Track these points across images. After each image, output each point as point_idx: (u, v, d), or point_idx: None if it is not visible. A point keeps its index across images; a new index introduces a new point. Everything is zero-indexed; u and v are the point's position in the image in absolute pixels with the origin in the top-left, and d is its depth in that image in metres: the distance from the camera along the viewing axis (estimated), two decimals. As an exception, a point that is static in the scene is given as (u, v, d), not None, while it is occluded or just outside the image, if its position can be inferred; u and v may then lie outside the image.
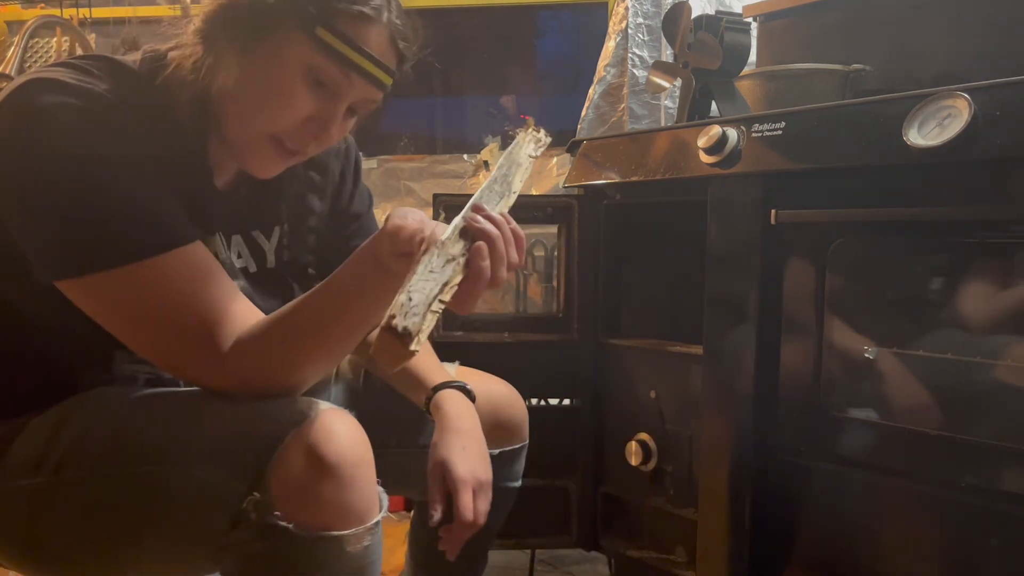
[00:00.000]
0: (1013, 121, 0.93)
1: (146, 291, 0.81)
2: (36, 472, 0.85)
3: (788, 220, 1.14)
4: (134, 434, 0.84)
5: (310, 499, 0.77)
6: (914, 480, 1.05)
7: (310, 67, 0.86)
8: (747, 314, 1.20)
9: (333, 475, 0.77)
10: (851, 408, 1.13)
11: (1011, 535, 0.96)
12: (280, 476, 0.76)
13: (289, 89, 0.86)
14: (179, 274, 0.82)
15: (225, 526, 0.78)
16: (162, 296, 0.82)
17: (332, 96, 0.88)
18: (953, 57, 1.42)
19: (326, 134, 0.90)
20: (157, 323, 0.83)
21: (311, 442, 0.77)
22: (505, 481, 1.21)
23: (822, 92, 1.45)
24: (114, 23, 2.53)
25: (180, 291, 0.82)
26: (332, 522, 0.77)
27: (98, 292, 0.82)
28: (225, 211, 0.96)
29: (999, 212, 0.98)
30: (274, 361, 0.84)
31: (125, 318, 0.83)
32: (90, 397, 0.90)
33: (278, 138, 0.89)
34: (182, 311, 0.82)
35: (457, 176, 2.47)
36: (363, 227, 1.14)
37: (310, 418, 0.79)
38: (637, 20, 2.21)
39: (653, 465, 1.41)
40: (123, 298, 0.82)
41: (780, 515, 1.19)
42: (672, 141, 1.34)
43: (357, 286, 0.84)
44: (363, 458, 0.80)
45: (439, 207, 1.59)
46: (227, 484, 0.78)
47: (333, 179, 1.10)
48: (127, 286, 0.81)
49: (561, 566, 1.87)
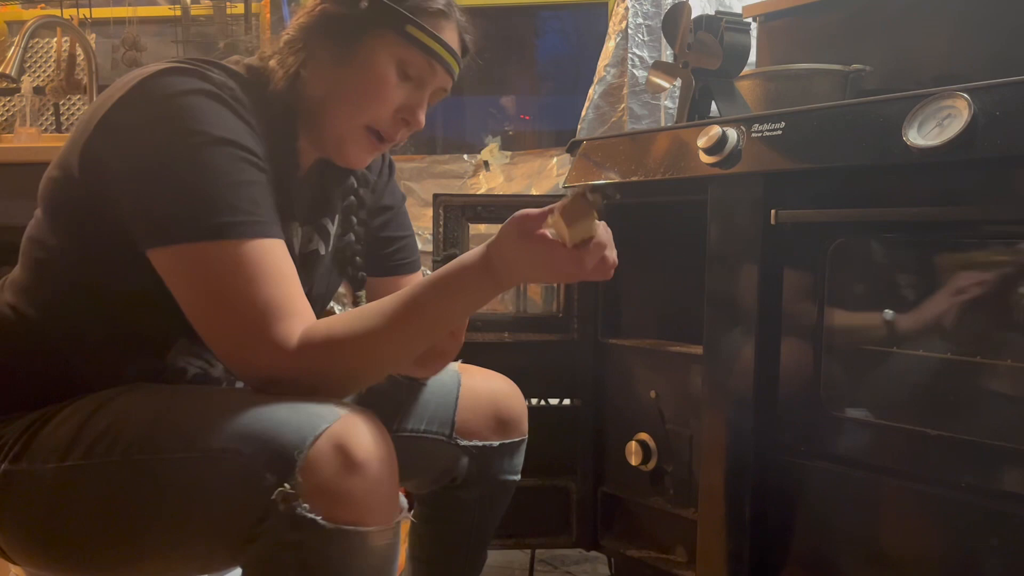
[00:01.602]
0: (1013, 121, 0.93)
1: (233, 270, 0.85)
2: (66, 455, 0.86)
3: (788, 220, 1.14)
4: (168, 422, 0.85)
5: (338, 494, 0.79)
6: (913, 480, 1.05)
7: (400, 61, 0.98)
8: (747, 314, 1.20)
9: (361, 472, 0.80)
10: (851, 408, 1.13)
11: (1011, 535, 0.96)
12: (310, 470, 0.78)
13: (384, 82, 0.97)
14: (265, 262, 0.86)
15: (253, 517, 0.79)
16: (246, 278, 0.85)
17: (418, 87, 1.00)
18: (953, 57, 1.42)
19: (415, 120, 1.01)
20: (235, 303, 0.85)
21: (341, 439, 0.80)
22: (505, 474, 1.22)
23: (822, 92, 1.46)
24: (114, 23, 2.52)
25: (263, 277, 0.86)
26: (359, 518, 0.79)
27: (189, 263, 0.86)
28: (303, 202, 1.05)
29: (999, 212, 0.98)
30: (345, 356, 0.88)
31: (205, 293, 0.86)
32: (130, 388, 0.92)
33: (373, 128, 1.00)
34: (261, 295, 0.85)
35: (457, 176, 2.47)
36: (394, 219, 1.21)
37: (340, 416, 0.81)
38: (637, 20, 2.21)
39: (653, 465, 1.41)
40: (210, 273, 0.85)
41: (780, 515, 1.19)
42: (672, 141, 1.34)
43: (450, 291, 0.89)
44: (389, 458, 0.83)
45: (439, 207, 1.59)
46: (258, 475, 0.79)
47: (369, 184, 1.18)
48: (216, 261, 0.85)
49: (561, 566, 1.87)
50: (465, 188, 2.44)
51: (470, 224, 1.63)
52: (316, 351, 0.86)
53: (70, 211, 0.93)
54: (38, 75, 2.56)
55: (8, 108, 2.56)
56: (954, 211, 1.01)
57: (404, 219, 1.24)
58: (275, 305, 0.86)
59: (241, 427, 0.82)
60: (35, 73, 2.57)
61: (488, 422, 1.18)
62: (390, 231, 1.20)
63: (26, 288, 0.96)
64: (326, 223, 1.10)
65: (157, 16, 2.63)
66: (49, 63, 2.58)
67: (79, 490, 0.86)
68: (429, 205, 1.60)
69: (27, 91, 2.44)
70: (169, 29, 2.57)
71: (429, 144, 2.67)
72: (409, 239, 1.23)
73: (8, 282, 1.00)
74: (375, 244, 1.19)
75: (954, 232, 1.06)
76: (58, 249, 0.94)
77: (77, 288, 0.94)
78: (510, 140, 2.59)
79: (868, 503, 1.11)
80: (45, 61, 2.59)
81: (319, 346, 0.87)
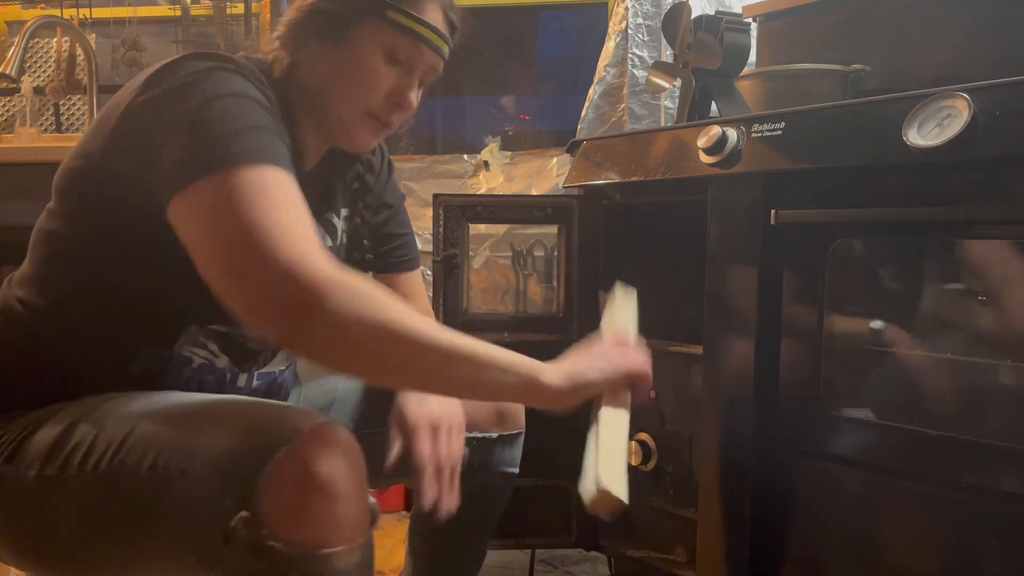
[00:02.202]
0: (1013, 121, 0.93)
1: (250, 191, 0.81)
2: (45, 464, 0.86)
3: (788, 220, 1.14)
4: (138, 437, 0.84)
5: (300, 517, 0.76)
6: (914, 480, 1.05)
7: (387, 47, 1.00)
8: (747, 314, 1.20)
9: (324, 492, 0.76)
10: (851, 408, 1.13)
11: (1011, 535, 0.96)
12: (270, 493, 0.76)
13: (372, 69, 1.00)
14: (289, 191, 0.83)
15: (217, 541, 0.77)
16: (264, 198, 0.81)
17: (407, 69, 1.02)
18: (953, 57, 1.42)
19: (407, 103, 1.03)
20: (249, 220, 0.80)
21: (302, 458, 0.76)
22: (503, 466, 1.23)
23: (822, 92, 1.45)
24: (114, 23, 2.52)
25: (283, 200, 0.82)
26: (323, 540, 0.77)
27: (207, 200, 0.82)
28: (310, 195, 1.02)
29: (999, 212, 0.98)
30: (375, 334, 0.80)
31: (221, 223, 0.81)
32: (109, 397, 0.91)
33: (373, 114, 1.02)
34: (282, 213, 0.81)
35: (457, 176, 2.46)
36: (394, 217, 1.23)
37: (302, 433, 0.78)
38: (637, 20, 2.20)
39: (653, 465, 1.41)
40: (222, 202, 0.81)
41: (780, 515, 1.19)
42: (672, 141, 1.34)
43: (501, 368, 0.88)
44: (355, 474, 0.79)
45: (439, 207, 1.59)
46: (218, 500, 0.77)
47: (374, 171, 1.20)
48: (230, 188, 0.81)
49: (561, 566, 1.87)
50: (465, 188, 2.44)
51: (470, 224, 1.63)
52: (349, 297, 0.78)
53: (88, 200, 0.94)
54: (38, 75, 2.56)
55: (8, 108, 2.56)
56: (954, 211, 1.01)
57: (404, 217, 1.25)
58: (296, 225, 0.80)
59: (204, 447, 0.80)
60: (35, 73, 2.57)
61: (487, 415, 1.19)
62: (390, 228, 1.22)
63: (35, 281, 0.97)
64: (332, 218, 1.12)
65: (157, 16, 2.63)
66: (49, 63, 2.58)
67: (55, 501, 0.86)
68: (429, 205, 1.60)
69: (27, 91, 2.44)
70: (169, 29, 2.57)
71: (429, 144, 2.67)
72: (409, 237, 1.25)
73: (16, 277, 1.00)
74: (376, 241, 1.20)
75: (954, 232, 1.06)
76: (72, 240, 0.95)
77: (89, 279, 0.94)
78: (510, 140, 2.58)
79: (868, 503, 1.11)
80: (45, 61, 2.59)
81: (355, 297, 0.78)
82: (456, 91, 2.73)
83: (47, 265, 0.97)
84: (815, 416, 1.15)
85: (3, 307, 0.99)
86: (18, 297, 0.97)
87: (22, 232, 1.02)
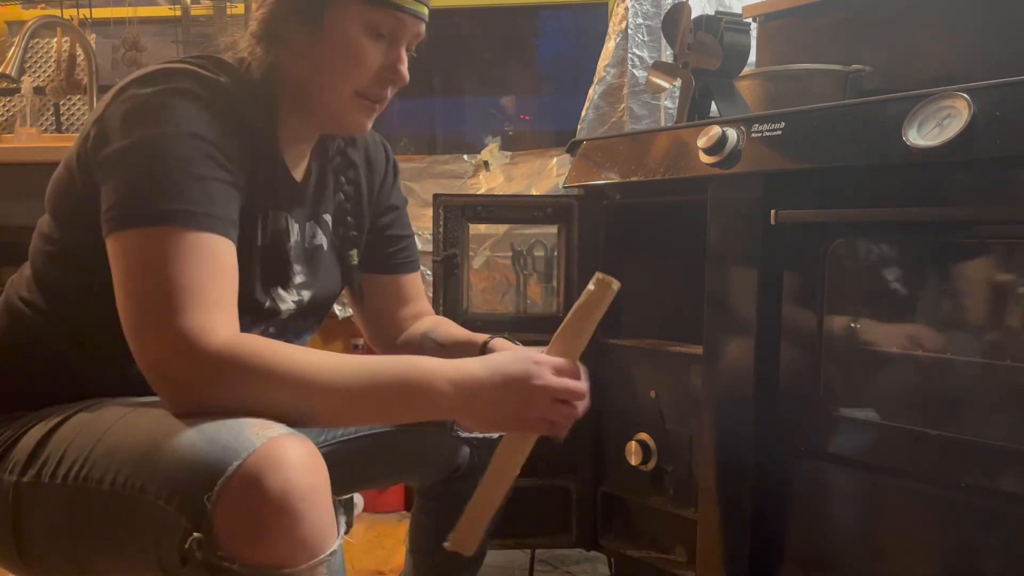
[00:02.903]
0: (1013, 121, 0.93)
1: (169, 256, 0.83)
2: (25, 470, 0.87)
3: (788, 220, 1.14)
4: (104, 449, 0.83)
5: (256, 536, 0.73)
6: (913, 480, 1.05)
7: (367, 23, 0.98)
8: (747, 314, 1.20)
9: (279, 509, 0.73)
10: (851, 408, 1.13)
11: (1011, 535, 0.96)
12: (223, 512, 0.72)
13: (358, 48, 0.98)
14: (204, 256, 0.84)
15: (175, 560, 0.75)
16: (179, 265, 0.83)
17: (392, 43, 1.01)
18: (953, 57, 1.42)
19: (399, 76, 1.02)
20: (160, 286, 0.82)
21: (254, 475, 0.73)
22: None
23: (822, 92, 1.45)
24: (114, 23, 2.52)
25: (198, 267, 0.83)
26: (282, 559, 0.73)
27: (128, 249, 0.84)
28: (301, 199, 1.06)
29: (999, 212, 0.98)
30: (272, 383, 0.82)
31: (135, 277, 0.83)
32: (88, 404, 0.91)
33: (361, 93, 1.00)
34: (189, 281, 0.82)
35: (457, 176, 2.46)
36: (398, 220, 1.23)
37: (255, 448, 0.74)
38: (637, 20, 2.20)
39: (653, 465, 1.41)
40: (144, 258, 0.83)
41: (780, 515, 1.19)
42: (672, 141, 1.34)
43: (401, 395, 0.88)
44: (313, 486, 0.76)
45: (439, 207, 1.59)
46: (174, 520, 0.75)
47: (379, 172, 1.20)
48: (153, 247, 0.83)
49: (561, 566, 1.87)
50: (465, 188, 2.44)
51: (470, 224, 1.64)
52: (241, 360, 0.80)
53: (71, 211, 0.94)
54: (38, 75, 2.56)
55: (8, 108, 2.56)
56: (954, 211, 1.01)
57: (406, 220, 1.26)
58: (202, 295, 0.82)
59: (160, 465, 0.77)
60: (35, 73, 2.57)
61: None
62: (395, 230, 1.22)
63: (36, 281, 0.98)
64: (326, 217, 1.11)
65: (157, 16, 2.63)
66: (49, 63, 2.58)
67: (30, 507, 0.86)
68: (429, 205, 1.60)
69: (27, 91, 2.44)
70: (169, 29, 2.56)
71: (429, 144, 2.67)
72: (411, 239, 1.25)
73: (19, 278, 1.01)
74: (380, 242, 1.20)
75: (954, 232, 1.06)
76: (66, 244, 0.95)
77: (80, 287, 0.95)
78: (510, 140, 2.58)
79: (868, 503, 1.11)
80: (45, 61, 2.59)
81: (247, 357, 0.81)
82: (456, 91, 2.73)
83: (42, 270, 0.97)
84: (815, 416, 1.15)
85: (7, 307, 0.99)
86: (22, 297, 0.98)
87: (22, 232, 1.02)
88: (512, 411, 0.91)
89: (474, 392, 0.90)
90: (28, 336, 0.97)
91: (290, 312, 1.05)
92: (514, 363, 0.92)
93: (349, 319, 2.27)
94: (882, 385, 1.12)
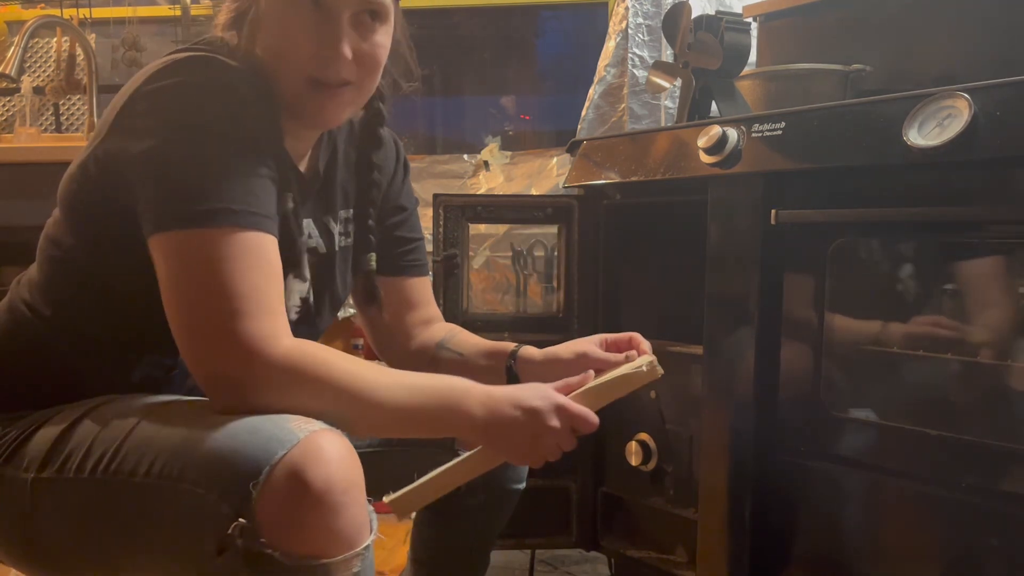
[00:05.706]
0: (1013, 121, 0.93)
1: (218, 257, 0.83)
2: (43, 467, 0.86)
3: (788, 220, 1.14)
4: (136, 442, 0.83)
5: (297, 526, 0.75)
6: (914, 480, 1.05)
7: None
8: (747, 314, 1.20)
9: (320, 501, 0.75)
10: (851, 408, 1.13)
11: (1011, 535, 0.96)
12: (267, 501, 0.74)
13: (295, 23, 0.91)
14: (253, 254, 0.84)
15: (212, 549, 0.76)
16: (231, 266, 0.83)
17: (329, 13, 0.91)
18: (953, 57, 1.42)
19: (336, 52, 0.92)
20: (211, 291, 0.82)
21: (298, 466, 0.75)
22: (511, 483, 1.21)
23: (822, 92, 1.45)
24: (114, 23, 2.52)
25: (249, 268, 0.83)
26: (320, 549, 0.75)
27: (175, 250, 0.84)
28: (306, 195, 1.03)
29: (999, 212, 0.98)
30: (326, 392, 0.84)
31: (185, 281, 0.84)
32: (111, 398, 0.91)
33: (315, 78, 0.93)
34: (245, 285, 0.83)
35: (457, 176, 2.47)
36: (407, 221, 1.20)
37: (299, 440, 0.76)
38: (637, 20, 2.20)
39: (653, 465, 1.41)
40: (192, 260, 0.83)
41: (780, 515, 1.19)
42: (672, 141, 1.34)
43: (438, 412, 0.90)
44: (352, 482, 0.78)
45: (439, 207, 1.59)
46: (214, 507, 0.76)
47: (388, 173, 1.17)
48: (201, 249, 0.83)
49: (561, 566, 1.87)
50: (465, 188, 2.44)
51: (470, 224, 1.63)
52: (303, 368, 0.83)
53: (86, 210, 0.93)
54: (38, 75, 2.56)
55: (8, 108, 2.56)
56: (954, 211, 1.01)
57: (417, 222, 1.23)
58: (260, 300, 0.82)
59: (201, 454, 0.79)
60: (35, 73, 2.57)
61: None
62: (404, 232, 1.19)
63: (41, 286, 0.97)
64: (328, 222, 1.09)
65: (157, 16, 2.63)
66: (49, 63, 2.58)
67: (50, 504, 0.86)
68: (429, 205, 1.60)
69: (27, 91, 2.44)
70: (169, 29, 2.57)
71: (429, 144, 2.67)
72: (420, 243, 1.22)
73: (25, 280, 1.00)
74: (388, 243, 1.17)
75: (954, 232, 1.06)
76: (73, 248, 0.94)
77: (89, 288, 0.94)
78: (510, 140, 2.58)
79: (869, 504, 1.11)
80: (45, 61, 2.59)
81: (310, 365, 0.83)
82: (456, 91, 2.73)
83: (50, 271, 0.97)
84: (815, 416, 1.15)
85: (10, 309, 0.98)
86: (24, 300, 0.97)
87: (22, 232, 1.02)
88: (520, 442, 0.93)
89: (499, 419, 0.91)
90: (30, 341, 0.96)
91: (296, 310, 1.03)
92: (539, 400, 0.93)
93: (349, 319, 2.27)
94: (883, 385, 1.12)
